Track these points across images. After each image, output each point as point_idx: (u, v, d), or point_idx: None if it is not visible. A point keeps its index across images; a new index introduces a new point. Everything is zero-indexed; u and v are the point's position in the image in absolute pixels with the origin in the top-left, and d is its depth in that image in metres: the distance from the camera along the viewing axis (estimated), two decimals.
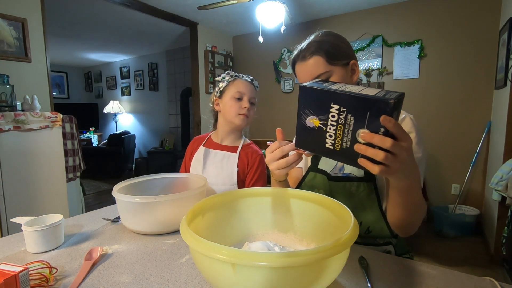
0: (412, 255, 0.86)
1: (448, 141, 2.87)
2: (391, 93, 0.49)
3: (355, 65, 0.80)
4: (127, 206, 0.81)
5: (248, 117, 1.11)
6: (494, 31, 2.59)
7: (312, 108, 0.54)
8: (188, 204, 0.83)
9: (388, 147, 0.46)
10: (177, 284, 0.57)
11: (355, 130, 0.50)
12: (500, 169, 1.87)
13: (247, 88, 1.11)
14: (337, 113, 0.51)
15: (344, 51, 0.78)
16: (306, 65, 0.78)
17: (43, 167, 1.85)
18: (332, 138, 0.53)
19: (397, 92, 0.49)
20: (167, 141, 5.12)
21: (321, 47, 0.76)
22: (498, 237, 2.05)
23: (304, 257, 0.40)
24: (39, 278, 0.57)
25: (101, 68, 6.40)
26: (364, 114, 0.48)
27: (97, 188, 4.31)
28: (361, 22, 3.26)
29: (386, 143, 0.46)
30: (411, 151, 0.50)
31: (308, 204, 0.68)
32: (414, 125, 0.74)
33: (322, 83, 0.56)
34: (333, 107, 0.51)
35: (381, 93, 0.49)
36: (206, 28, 3.82)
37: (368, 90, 0.50)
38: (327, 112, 0.52)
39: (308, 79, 0.77)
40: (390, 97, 0.46)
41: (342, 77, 0.77)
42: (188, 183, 1.03)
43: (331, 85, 0.54)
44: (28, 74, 2.17)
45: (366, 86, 0.53)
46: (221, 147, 1.16)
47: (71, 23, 3.69)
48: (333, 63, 0.76)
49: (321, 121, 0.53)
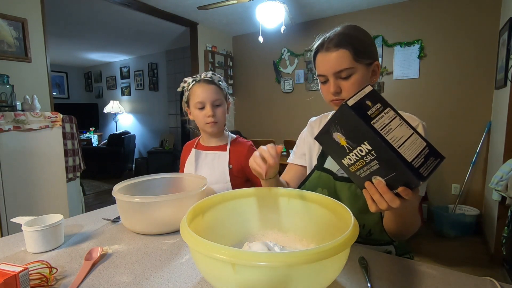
0: (412, 256, 0.86)
1: (448, 141, 2.87)
2: (430, 162, 0.43)
3: (377, 67, 0.77)
4: (127, 206, 0.81)
5: (218, 122, 1.07)
6: (494, 31, 2.59)
7: (345, 130, 0.49)
8: (188, 204, 0.82)
9: (395, 207, 0.47)
10: (177, 284, 0.57)
11: (374, 173, 0.49)
12: (500, 169, 1.87)
13: (206, 92, 1.05)
14: (366, 151, 0.47)
15: (371, 50, 0.75)
16: (329, 57, 0.73)
17: (43, 167, 1.85)
18: (350, 161, 0.51)
19: (438, 160, 0.44)
20: (167, 141, 5.12)
21: (349, 41, 0.72)
22: (498, 237, 2.05)
23: (304, 257, 0.40)
24: (39, 278, 0.56)
25: (101, 68, 6.40)
26: (390, 171, 0.46)
27: (97, 188, 4.31)
28: (361, 22, 3.23)
29: (394, 204, 0.47)
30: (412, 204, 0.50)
31: (308, 204, 0.68)
32: (426, 134, 0.73)
33: (368, 107, 0.47)
34: (365, 145, 0.47)
35: (421, 158, 0.43)
36: (206, 28, 3.82)
37: (411, 146, 0.44)
38: (358, 144, 0.48)
39: (329, 72, 0.74)
40: (424, 173, 0.42)
41: (364, 77, 0.74)
42: (188, 183, 1.03)
43: (382, 116, 0.46)
44: (28, 74, 2.17)
45: (413, 132, 0.46)
46: (210, 148, 1.15)
47: (71, 23, 3.69)
48: (358, 60, 0.72)
49: (348, 145, 0.49)
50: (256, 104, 4.11)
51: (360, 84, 0.73)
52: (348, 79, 0.73)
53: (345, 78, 0.74)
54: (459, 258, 2.24)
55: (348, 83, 0.74)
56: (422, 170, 0.42)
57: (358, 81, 0.73)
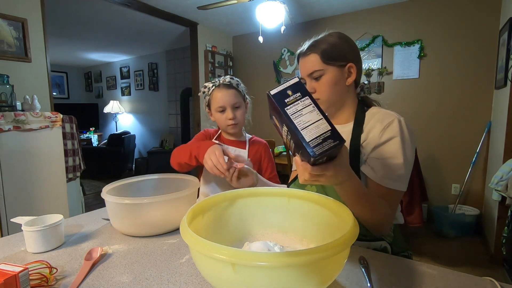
0: (410, 253, 0.86)
1: (448, 141, 2.87)
2: (327, 143, 0.49)
3: (352, 68, 0.81)
4: (117, 208, 0.79)
5: (238, 123, 1.14)
6: (494, 31, 2.59)
7: (274, 115, 0.58)
8: (179, 205, 0.82)
9: (307, 178, 0.54)
10: (177, 284, 0.57)
11: (295, 151, 0.57)
12: (500, 169, 1.87)
13: (226, 97, 1.11)
14: (286, 132, 0.55)
15: (343, 53, 0.80)
16: (304, 61, 0.82)
17: (43, 167, 1.85)
18: (285, 140, 0.59)
19: (335, 142, 0.49)
20: (167, 141, 5.12)
21: (319, 46, 0.80)
22: (498, 237, 2.05)
23: (304, 257, 0.40)
24: (39, 278, 0.57)
25: (101, 68, 6.40)
26: (298, 149, 0.53)
27: (97, 188, 4.31)
28: (361, 22, 3.26)
29: (305, 176, 0.54)
30: (333, 176, 0.55)
31: (308, 204, 0.68)
32: (400, 130, 0.74)
33: (288, 95, 0.53)
34: (284, 127, 0.55)
35: (319, 139, 0.49)
36: (206, 28, 3.82)
37: (314, 129, 0.50)
38: (282, 126, 0.56)
39: (304, 74, 0.83)
40: (317, 151, 0.49)
41: (336, 77, 0.80)
42: (180, 184, 1.01)
43: (297, 103, 0.52)
44: (28, 74, 2.17)
45: (321, 118, 0.51)
46: (232, 142, 1.20)
47: (71, 23, 3.69)
48: (327, 63, 0.79)
49: (280, 125, 0.58)
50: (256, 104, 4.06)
51: (331, 84, 0.80)
52: (319, 79, 0.81)
53: (317, 79, 0.81)
54: (459, 258, 2.24)
55: (319, 84, 0.81)
56: (316, 148, 0.49)
57: (328, 81, 0.80)
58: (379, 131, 0.75)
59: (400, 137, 0.73)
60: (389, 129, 0.74)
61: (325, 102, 0.82)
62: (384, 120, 0.76)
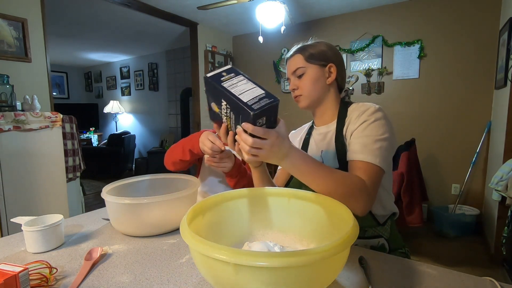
0: (408, 251, 0.87)
1: (448, 141, 2.87)
2: (263, 101, 0.55)
3: (333, 68, 0.86)
4: (116, 208, 0.79)
5: None
6: (494, 31, 2.59)
7: (212, 97, 0.62)
8: (179, 205, 0.82)
9: (249, 144, 0.56)
10: (177, 284, 0.57)
11: (236, 124, 0.59)
12: (500, 169, 1.87)
13: None
14: (225, 107, 0.59)
15: (325, 55, 0.86)
16: (290, 61, 0.89)
17: (43, 167, 1.85)
18: (226, 123, 0.62)
19: (270, 100, 0.55)
20: (167, 141, 5.12)
21: (303, 48, 0.87)
22: (498, 237, 2.05)
23: (304, 257, 0.40)
24: (39, 278, 0.57)
25: (101, 68, 6.39)
26: (238, 114, 0.56)
27: (97, 188, 4.31)
28: (361, 22, 3.26)
29: (247, 141, 0.56)
30: (276, 144, 0.58)
31: (308, 204, 0.68)
32: (374, 112, 0.78)
33: (222, 76, 0.60)
34: (223, 102, 0.59)
35: (255, 99, 0.55)
36: (206, 28, 3.82)
37: (250, 93, 0.56)
38: (220, 104, 0.60)
39: (289, 73, 0.90)
40: (255, 107, 0.53)
41: (316, 74, 0.85)
42: (180, 184, 1.01)
43: (232, 79, 0.59)
44: (28, 74, 2.17)
45: (255, 86, 0.58)
46: None
47: (71, 23, 3.68)
48: (309, 61, 0.85)
49: (219, 109, 0.61)
50: None
51: (313, 81, 0.85)
52: (301, 77, 0.86)
53: (299, 76, 0.86)
54: (459, 258, 2.24)
55: (301, 81, 0.86)
56: (254, 105, 0.53)
57: (310, 78, 0.85)
58: (356, 117, 0.80)
59: (374, 118, 0.76)
60: (364, 114, 0.78)
61: (307, 98, 0.86)
62: (360, 108, 0.81)
